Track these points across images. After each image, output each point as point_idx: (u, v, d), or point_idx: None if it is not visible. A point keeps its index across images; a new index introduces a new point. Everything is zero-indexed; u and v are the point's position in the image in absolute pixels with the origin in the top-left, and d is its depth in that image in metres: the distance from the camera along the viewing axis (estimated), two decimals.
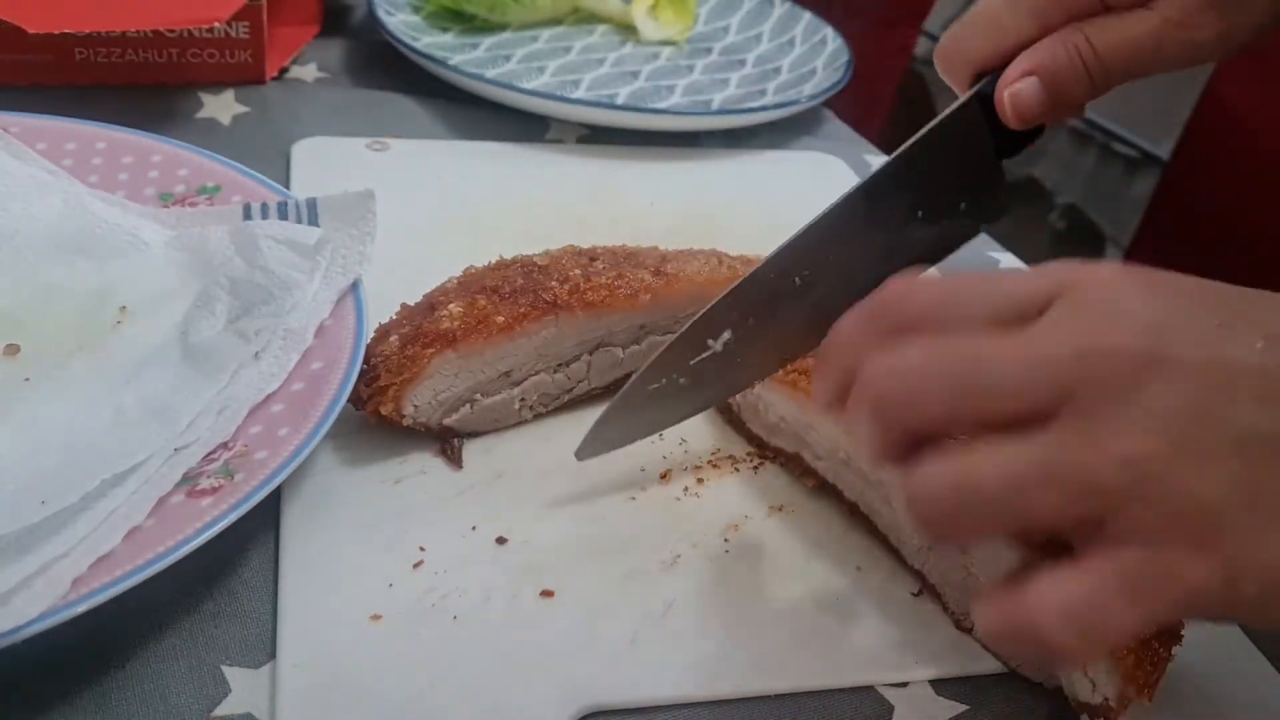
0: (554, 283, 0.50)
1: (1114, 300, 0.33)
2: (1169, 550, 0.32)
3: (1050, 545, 0.35)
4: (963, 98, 0.47)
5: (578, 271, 0.51)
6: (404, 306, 0.51)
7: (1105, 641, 0.33)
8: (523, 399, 0.51)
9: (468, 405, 0.50)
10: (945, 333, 0.34)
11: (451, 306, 0.48)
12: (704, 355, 0.45)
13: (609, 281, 0.51)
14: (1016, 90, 0.46)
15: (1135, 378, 0.32)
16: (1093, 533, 0.32)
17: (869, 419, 0.34)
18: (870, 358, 0.35)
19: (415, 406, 0.48)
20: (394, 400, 0.47)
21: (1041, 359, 0.33)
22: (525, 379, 0.51)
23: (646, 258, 0.54)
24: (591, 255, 0.53)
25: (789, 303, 0.45)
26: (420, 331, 0.48)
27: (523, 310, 0.49)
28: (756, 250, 0.57)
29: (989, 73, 0.48)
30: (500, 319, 0.48)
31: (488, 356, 0.49)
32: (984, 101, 0.47)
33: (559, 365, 0.51)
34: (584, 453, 0.47)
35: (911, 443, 0.34)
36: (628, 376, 0.54)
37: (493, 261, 0.53)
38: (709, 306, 0.45)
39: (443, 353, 0.47)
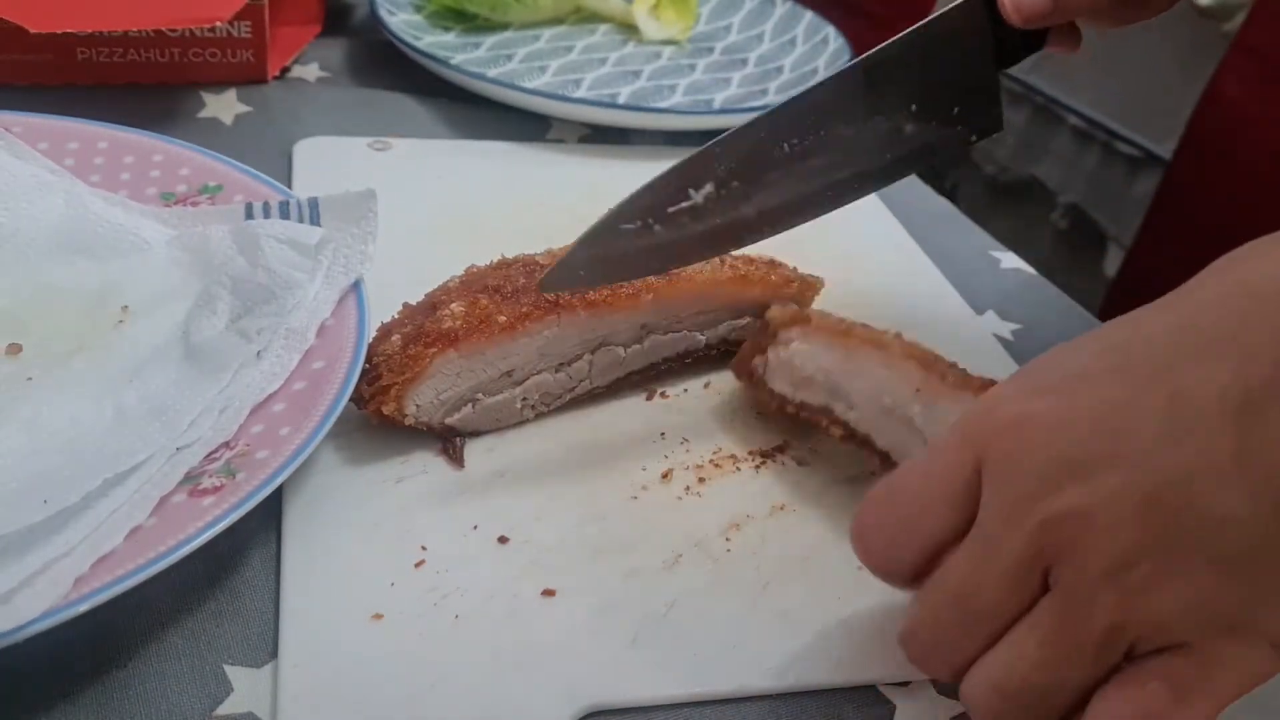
0: None
1: (1021, 457, 0.34)
2: (1208, 647, 0.33)
3: None
4: None
5: None
6: (406, 306, 0.51)
7: None
8: (525, 398, 0.51)
9: (469, 405, 0.50)
10: (910, 549, 0.37)
11: (453, 306, 0.48)
12: (683, 205, 0.44)
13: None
14: None
15: (1085, 524, 0.33)
16: (1143, 661, 0.34)
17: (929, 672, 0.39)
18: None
19: (417, 406, 0.48)
20: (396, 399, 0.47)
21: (1002, 559, 0.34)
22: (527, 378, 0.51)
23: None
24: None
25: (776, 168, 0.45)
26: (422, 331, 0.48)
27: (525, 310, 0.49)
28: (758, 250, 0.57)
29: None
30: (502, 318, 0.48)
31: (490, 356, 0.49)
32: (987, 2, 0.46)
33: (561, 364, 0.51)
34: (548, 284, 0.45)
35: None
36: (630, 377, 0.54)
37: (494, 261, 0.53)
38: (694, 154, 0.44)
39: (445, 352, 0.47)
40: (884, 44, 0.44)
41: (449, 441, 0.49)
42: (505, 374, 0.50)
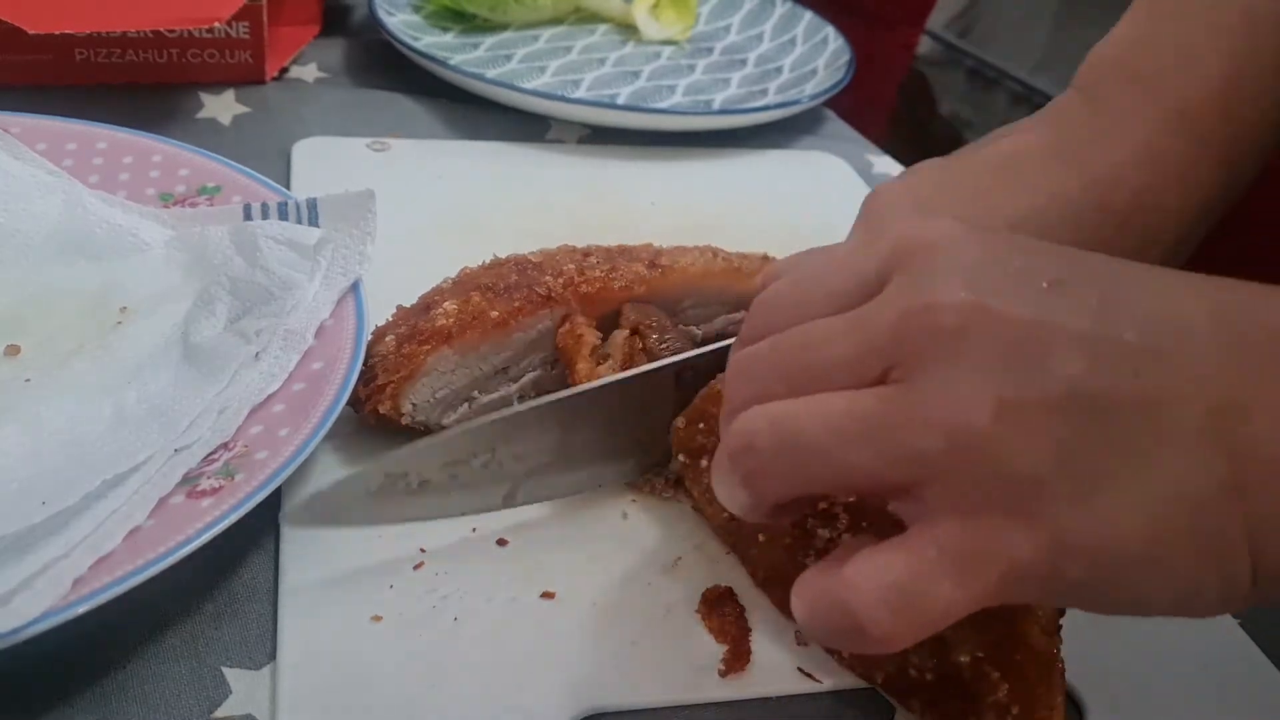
0: (548, 277, 0.50)
1: (939, 257, 0.32)
2: (990, 522, 0.30)
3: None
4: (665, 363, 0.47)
5: (571, 266, 0.51)
6: (400, 309, 0.51)
7: (925, 622, 0.30)
8: (520, 396, 0.51)
9: (466, 403, 0.49)
10: (796, 320, 0.35)
11: (446, 304, 0.48)
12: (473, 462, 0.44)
13: (602, 274, 0.51)
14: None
15: (957, 335, 0.30)
16: (915, 507, 0.31)
17: (726, 416, 0.35)
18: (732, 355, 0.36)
19: (413, 405, 0.48)
20: (392, 399, 0.47)
21: (871, 329, 0.32)
22: (522, 375, 0.51)
23: (640, 253, 0.54)
24: (585, 252, 0.53)
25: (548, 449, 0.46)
26: (416, 330, 0.48)
27: (517, 305, 0.49)
28: (757, 249, 0.57)
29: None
30: (495, 314, 0.48)
31: (484, 352, 0.49)
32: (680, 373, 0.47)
33: (555, 360, 0.51)
34: (294, 517, 0.43)
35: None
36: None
37: (487, 262, 0.53)
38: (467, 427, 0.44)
39: (439, 349, 0.47)
40: (591, 386, 0.46)
41: None
42: (500, 370, 0.50)
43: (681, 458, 0.47)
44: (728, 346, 0.43)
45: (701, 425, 0.45)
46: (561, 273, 0.50)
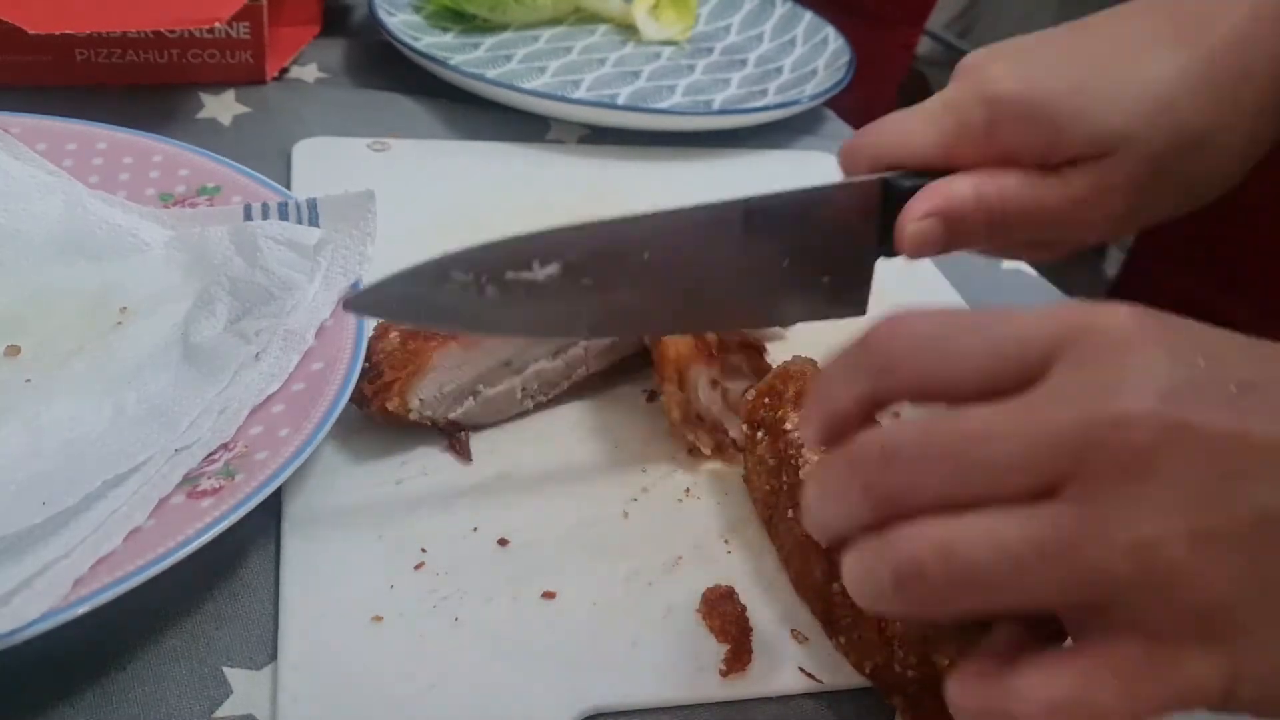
0: None
1: (1123, 357, 0.30)
2: (1172, 647, 0.30)
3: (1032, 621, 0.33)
4: (869, 176, 0.46)
5: None
6: None
7: None
8: (524, 388, 0.52)
9: (471, 397, 0.50)
10: (936, 392, 0.32)
11: None
12: (522, 275, 0.40)
13: None
14: (919, 229, 0.45)
15: (1149, 452, 0.29)
16: (1089, 618, 0.31)
17: (859, 500, 0.32)
18: (861, 434, 0.33)
19: (420, 400, 0.48)
20: (400, 395, 0.47)
21: (1044, 431, 0.30)
22: (525, 367, 0.51)
23: None
24: None
25: (626, 276, 0.42)
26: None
27: None
28: None
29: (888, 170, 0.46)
30: None
31: (488, 345, 0.49)
32: (885, 190, 0.46)
33: (557, 351, 0.52)
34: (355, 305, 0.42)
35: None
36: (624, 362, 0.55)
37: None
38: (549, 229, 0.40)
39: (445, 345, 0.48)
40: (775, 192, 0.42)
41: (454, 437, 0.50)
42: (504, 363, 0.50)
43: (744, 427, 0.49)
44: (797, 192, 0.44)
45: (767, 400, 0.47)
46: None
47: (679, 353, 0.50)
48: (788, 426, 0.46)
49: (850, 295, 0.47)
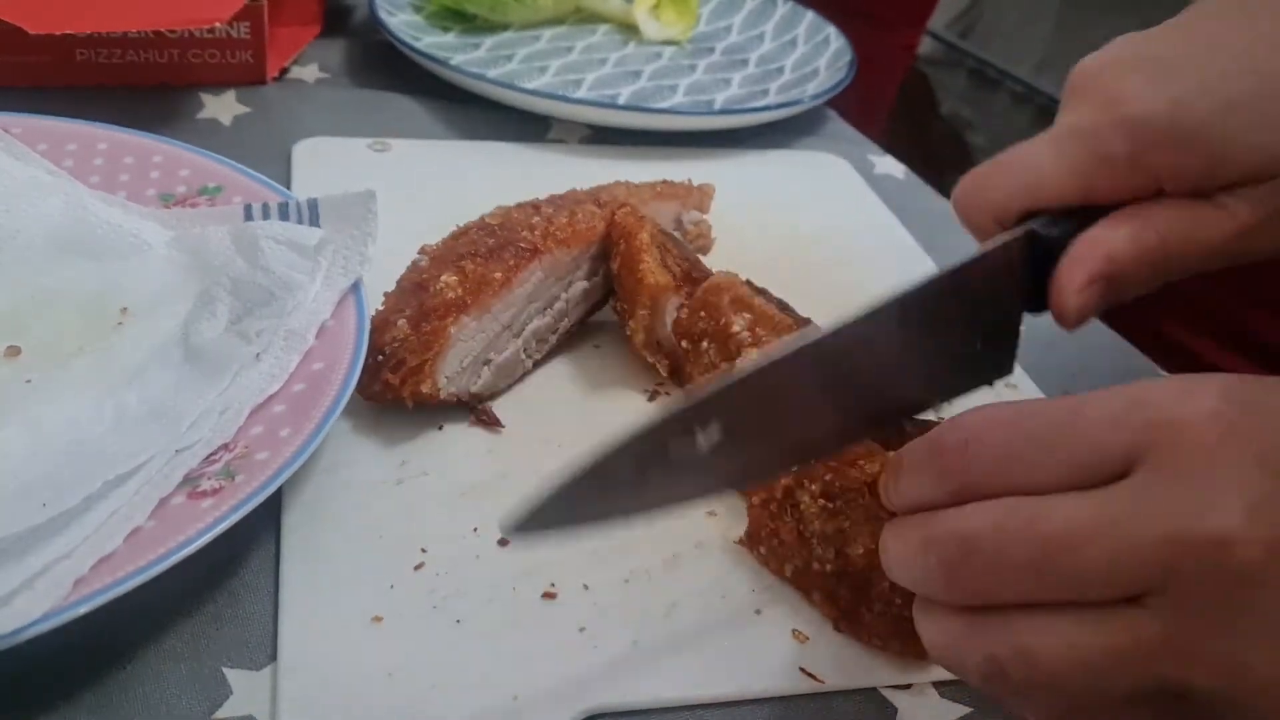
0: (524, 233, 0.53)
1: (1213, 462, 0.29)
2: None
3: None
4: (1015, 232, 0.40)
5: (537, 219, 0.55)
6: (389, 295, 0.52)
7: None
8: (524, 348, 0.54)
9: (485, 366, 0.52)
10: (1014, 487, 0.31)
11: (444, 278, 0.50)
12: (684, 451, 0.35)
13: (568, 221, 0.55)
14: (1084, 301, 0.39)
15: (1253, 575, 0.28)
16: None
17: (943, 588, 0.32)
18: (940, 518, 0.32)
19: (447, 378, 0.49)
20: (430, 376, 0.48)
21: (1130, 544, 0.29)
22: (523, 329, 0.54)
23: (580, 196, 0.59)
24: (535, 206, 0.57)
25: (789, 412, 0.37)
26: (427, 308, 0.49)
27: (511, 262, 0.52)
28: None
29: (1012, 222, 0.42)
30: (498, 275, 0.51)
31: (495, 312, 0.51)
32: (1031, 242, 0.40)
33: (545, 307, 0.55)
34: (516, 531, 0.33)
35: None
36: (597, 305, 0.58)
37: (445, 238, 0.55)
38: (703, 394, 0.35)
39: (459, 319, 0.49)
40: (923, 280, 0.37)
41: (479, 409, 0.52)
42: (506, 328, 0.52)
43: (684, 344, 0.52)
44: (945, 273, 0.38)
45: (703, 313, 0.51)
46: (533, 226, 0.54)
47: (657, 282, 0.53)
48: (735, 329, 0.50)
49: (1000, 358, 0.42)
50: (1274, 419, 0.30)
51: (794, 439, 0.38)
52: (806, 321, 0.52)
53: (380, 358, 0.48)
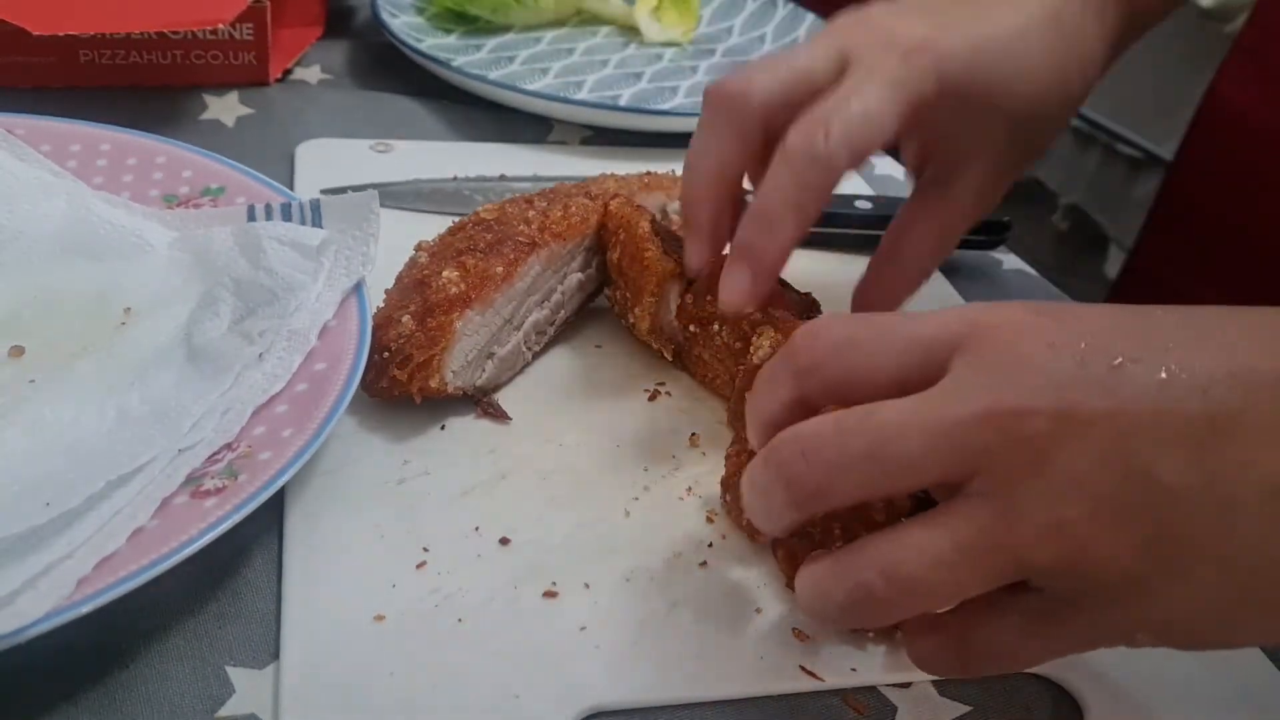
0: (521, 226, 0.54)
1: (1014, 351, 0.33)
2: (1087, 608, 0.33)
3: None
4: None
5: (532, 213, 0.55)
6: (389, 292, 0.53)
7: (1001, 669, 0.38)
8: (524, 341, 0.55)
9: (489, 360, 0.52)
10: (854, 392, 0.35)
11: (445, 274, 0.51)
12: None
13: (563, 214, 0.55)
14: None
15: (1045, 441, 0.32)
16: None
17: (786, 500, 0.35)
18: (782, 433, 0.35)
19: (453, 373, 0.50)
20: (438, 371, 0.49)
21: (947, 427, 0.32)
22: (523, 322, 0.54)
23: (571, 189, 0.60)
24: (528, 200, 0.57)
25: None
26: (432, 304, 0.50)
27: (510, 256, 0.52)
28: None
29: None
30: (499, 269, 0.51)
31: (497, 305, 0.52)
32: None
33: (544, 299, 0.55)
34: None
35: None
36: (591, 296, 0.59)
37: (440, 234, 0.55)
38: None
39: (464, 313, 0.49)
40: None
41: (486, 402, 0.52)
42: (507, 321, 0.53)
43: (691, 328, 0.54)
44: None
45: (709, 298, 0.52)
46: (529, 220, 0.55)
47: (664, 269, 0.53)
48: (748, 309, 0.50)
49: None
50: (1066, 318, 0.34)
51: None
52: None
53: (386, 354, 0.49)
